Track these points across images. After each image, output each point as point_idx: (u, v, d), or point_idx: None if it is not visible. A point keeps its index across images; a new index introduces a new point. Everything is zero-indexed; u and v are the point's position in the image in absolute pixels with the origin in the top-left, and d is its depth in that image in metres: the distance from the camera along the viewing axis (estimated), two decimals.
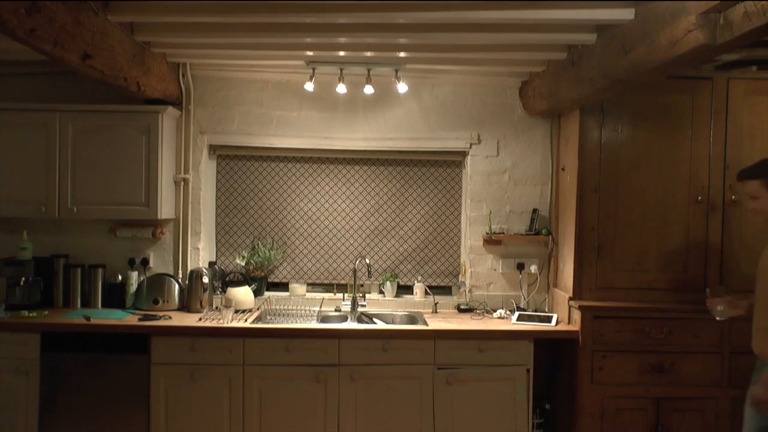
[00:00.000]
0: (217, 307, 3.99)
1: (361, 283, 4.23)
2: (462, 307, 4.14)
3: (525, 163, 4.22)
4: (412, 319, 4.00)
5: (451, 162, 4.31)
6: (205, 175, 4.21)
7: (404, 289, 4.30)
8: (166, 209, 3.94)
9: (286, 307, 4.00)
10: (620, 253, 3.66)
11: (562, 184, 4.03)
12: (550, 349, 3.94)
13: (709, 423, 3.56)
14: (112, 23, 2.95)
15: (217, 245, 4.31)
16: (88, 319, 3.60)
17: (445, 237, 4.32)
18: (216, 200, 4.30)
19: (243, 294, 3.96)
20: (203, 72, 4.15)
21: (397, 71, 3.92)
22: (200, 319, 3.70)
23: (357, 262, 4.17)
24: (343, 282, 4.29)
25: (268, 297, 4.15)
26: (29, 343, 3.53)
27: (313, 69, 3.90)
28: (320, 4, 2.85)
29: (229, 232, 4.31)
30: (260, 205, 4.30)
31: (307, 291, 4.27)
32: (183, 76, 4.09)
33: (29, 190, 3.81)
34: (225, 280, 4.17)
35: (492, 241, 4.18)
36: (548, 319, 3.79)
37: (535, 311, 4.06)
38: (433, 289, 4.24)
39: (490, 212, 4.20)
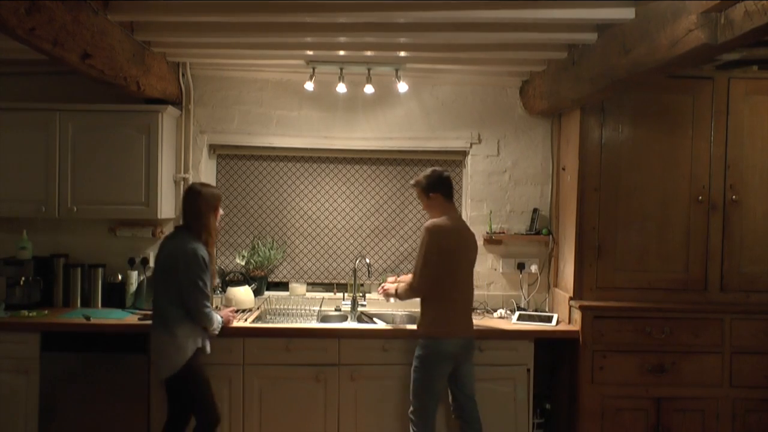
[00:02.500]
0: (217, 307, 3.99)
1: (362, 282, 4.23)
2: None
3: (525, 163, 4.22)
4: (412, 318, 3.99)
5: (451, 161, 4.30)
6: (205, 175, 4.20)
7: None
8: (166, 209, 3.94)
9: (286, 307, 3.99)
10: (621, 253, 3.66)
11: (562, 184, 4.03)
12: (550, 349, 3.94)
13: (709, 423, 3.56)
14: (111, 22, 2.94)
15: (216, 245, 4.30)
16: (88, 318, 3.60)
17: None
18: None
19: (243, 293, 3.96)
20: (203, 71, 4.15)
21: (397, 71, 3.91)
22: None
23: (357, 261, 4.16)
24: (343, 281, 4.29)
25: (268, 296, 4.14)
26: (29, 342, 3.53)
27: (313, 68, 3.90)
28: (320, 4, 2.84)
29: (229, 232, 4.31)
30: (260, 204, 4.30)
31: (307, 290, 4.27)
32: (183, 75, 4.09)
33: (29, 189, 3.80)
34: (225, 279, 4.17)
35: (492, 240, 4.17)
36: (549, 319, 3.78)
37: (536, 311, 4.06)
38: None
39: (491, 212, 4.19)
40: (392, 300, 3.61)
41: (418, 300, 4.13)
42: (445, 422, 3.49)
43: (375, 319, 3.97)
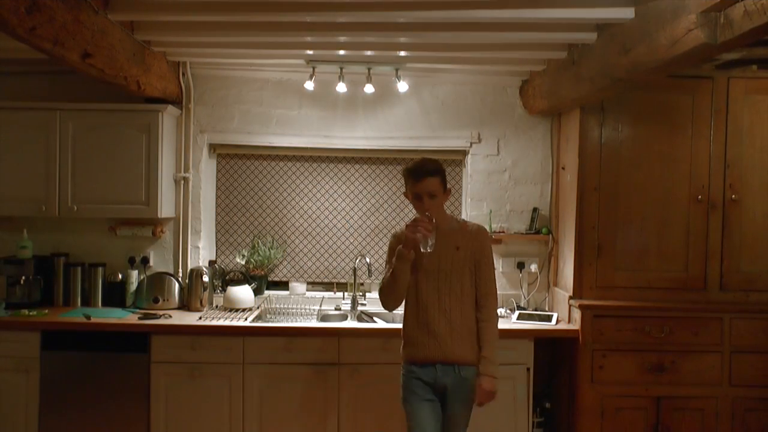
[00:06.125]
0: (217, 306, 4.00)
1: (362, 281, 4.23)
2: None
3: (525, 162, 4.22)
4: None
5: (451, 161, 4.30)
6: (205, 174, 4.21)
7: None
8: (166, 208, 3.94)
9: (286, 306, 4.00)
10: (620, 252, 3.66)
11: (562, 183, 4.03)
12: (550, 348, 3.94)
13: (709, 422, 3.56)
14: (112, 22, 2.94)
15: (217, 244, 4.31)
16: (88, 317, 3.61)
17: None
18: (216, 199, 4.30)
19: (243, 293, 3.96)
20: (203, 71, 4.15)
21: (397, 70, 3.91)
22: (200, 318, 3.70)
23: (357, 260, 4.17)
24: (343, 281, 4.28)
25: (268, 296, 4.15)
26: (29, 341, 3.53)
27: (313, 68, 3.90)
28: (320, 3, 2.85)
29: (229, 231, 4.31)
30: (260, 203, 4.30)
31: (307, 290, 4.27)
32: (183, 74, 4.09)
33: (29, 188, 3.80)
34: (225, 278, 4.17)
35: (492, 240, 4.17)
36: (548, 318, 3.79)
37: (536, 310, 4.06)
38: None
39: (491, 211, 4.19)
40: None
41: None
42: None
43: (375, 318, 3.97)
